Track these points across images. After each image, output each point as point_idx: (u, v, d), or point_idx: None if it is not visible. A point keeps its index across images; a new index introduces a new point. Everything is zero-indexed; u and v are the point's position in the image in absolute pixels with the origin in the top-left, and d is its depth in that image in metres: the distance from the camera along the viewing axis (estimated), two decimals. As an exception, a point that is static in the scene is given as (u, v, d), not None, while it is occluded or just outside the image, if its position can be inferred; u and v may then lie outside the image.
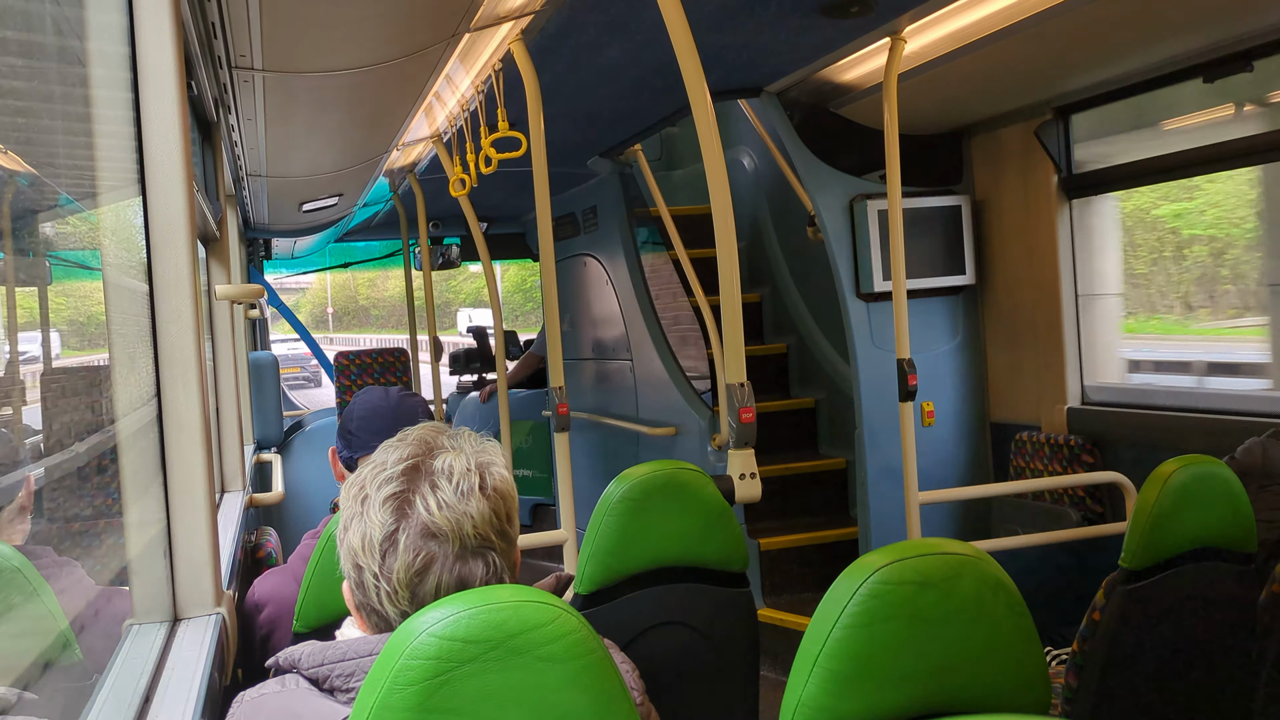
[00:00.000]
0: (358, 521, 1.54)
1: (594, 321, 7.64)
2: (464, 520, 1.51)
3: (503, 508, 1.57)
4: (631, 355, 7.04)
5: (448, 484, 1.53)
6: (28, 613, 1.65)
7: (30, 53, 1.70)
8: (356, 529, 1.53)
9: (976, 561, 1.44)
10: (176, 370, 2.15)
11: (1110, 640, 2.67)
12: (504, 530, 1.56)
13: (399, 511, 1.51)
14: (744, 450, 3.43)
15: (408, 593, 1.49)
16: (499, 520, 1.56)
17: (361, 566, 1.52)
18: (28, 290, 1.79)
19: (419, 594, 1.50)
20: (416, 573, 1.49)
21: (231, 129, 4.38)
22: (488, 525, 1.53)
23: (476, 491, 1.54)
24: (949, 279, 5.46)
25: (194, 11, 2.75)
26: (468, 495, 1.53)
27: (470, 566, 1.51)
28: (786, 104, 5.22)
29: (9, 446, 1.87)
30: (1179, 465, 2.64)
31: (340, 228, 9.00)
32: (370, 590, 1.52)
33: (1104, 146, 5.02)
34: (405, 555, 1.49)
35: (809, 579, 6.11)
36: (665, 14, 3.09)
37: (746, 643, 2.74)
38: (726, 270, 3.26)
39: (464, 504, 1.52)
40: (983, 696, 1.42)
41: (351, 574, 1.55)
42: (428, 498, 1.51)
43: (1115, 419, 4.89)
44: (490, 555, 1.53)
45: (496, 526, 1.55)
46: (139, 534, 2.14)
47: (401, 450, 1.58)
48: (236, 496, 4.15)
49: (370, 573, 1.51)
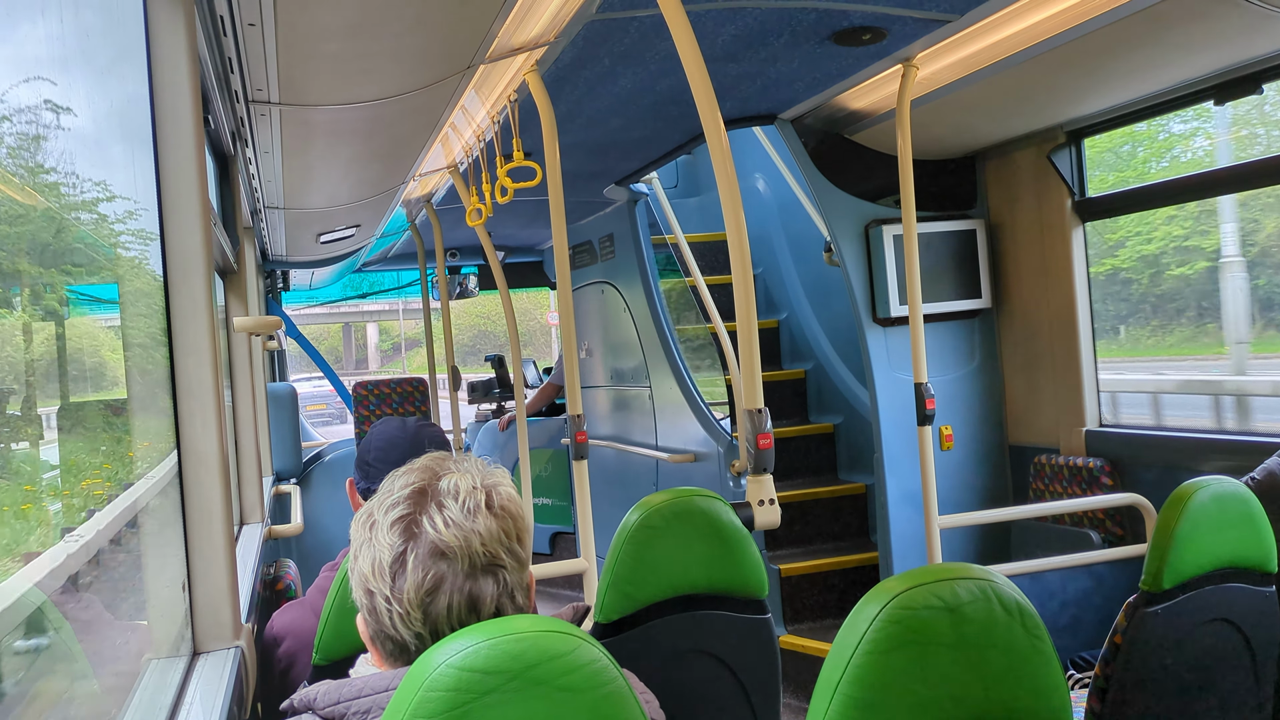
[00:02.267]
0: (367, 548, 1.54)
1: (612, 349, 7.65)
2: (472, 537, 1.51)
3: (511, 526, 1.56)
4: (650, 382, 7.04)
5: (454, 503, 1.53)
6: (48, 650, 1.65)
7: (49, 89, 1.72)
8: (366, 555, 1.53)
9: (995, 586, 1.44)
10: (195, 403, 2.16)
11: (1133, 663, 2.65)
12: (513, 549, 1.56)
13: (407, 533, 1.51)
14: (762, 476, 3.41)
15: (420, 613, 1.49)
16: (508, 539, 1.55)
17: (373, 592, 1.52)
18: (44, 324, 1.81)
19: (431, 614, 1.49)
20: (427, 592, 1.49)
21: (248, 162, 4.41)
22: (496, 543, 1.53)
23: (483, 509, 1.54)
24: (965, 303, 5.46)
25: (210, 46, 2.78)
26: (474, 512, 1.53)
27: (480, 584, 1.51)
28: (801, 131, 5.23)
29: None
30: (1199, 486, 2.63)
31: (358, 259, 9.04)
32: (383, 615, 1.51)
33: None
34: (415, 575, 1.49)
35: (830, 605, 6.08)
36: (678, 44, 3.10)
37: (767, 670, 2.72)
38: (743, 296, 3.26)
39: (471, 521, 1.52)
40: None
41: (364, 601, 1.55)
42: (435, 517, 1.51)
43: (1134, 441, 4.87)
44: (500, 573, 1.53)
45: (505, 545, 1.54)
46: (157, 567, 2.15)
47: (408, 477, 1.58)
48: (255, 529, 4.15)
49: (381, 596, 1.50)
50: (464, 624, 1.49)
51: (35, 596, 1.57)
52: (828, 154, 5.34)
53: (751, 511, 3.38)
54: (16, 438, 1.67)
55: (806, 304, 7.44)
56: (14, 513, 1.71)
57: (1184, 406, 8.41)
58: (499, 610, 1.52)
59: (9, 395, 1.68)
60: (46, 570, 1.63)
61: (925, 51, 4.14)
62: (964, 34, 3.93)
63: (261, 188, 5.14)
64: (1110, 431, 5.02)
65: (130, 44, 2.14)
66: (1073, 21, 3.73)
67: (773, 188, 7.72)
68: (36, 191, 1.69)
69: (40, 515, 1.83)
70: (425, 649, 1.45)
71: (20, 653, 1.54)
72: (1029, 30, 3.85)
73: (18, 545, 1.68)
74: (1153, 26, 3.68)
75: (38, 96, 1.64)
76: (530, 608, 1.60)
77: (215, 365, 2.18)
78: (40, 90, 1.65)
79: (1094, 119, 4.84)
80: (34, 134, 1.65)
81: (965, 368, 5.52)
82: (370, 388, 8.18)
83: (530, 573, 1.61)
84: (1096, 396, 5.14)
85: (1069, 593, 4.32)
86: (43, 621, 1.62)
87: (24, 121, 1.60)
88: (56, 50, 1.72)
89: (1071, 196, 5.06)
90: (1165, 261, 6.22)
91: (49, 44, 1.68)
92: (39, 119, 1.64)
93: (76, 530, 1.88)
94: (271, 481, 6.00)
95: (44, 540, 1.77)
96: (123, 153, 2.18)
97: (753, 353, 3.29)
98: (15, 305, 1.70)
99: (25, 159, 1.64)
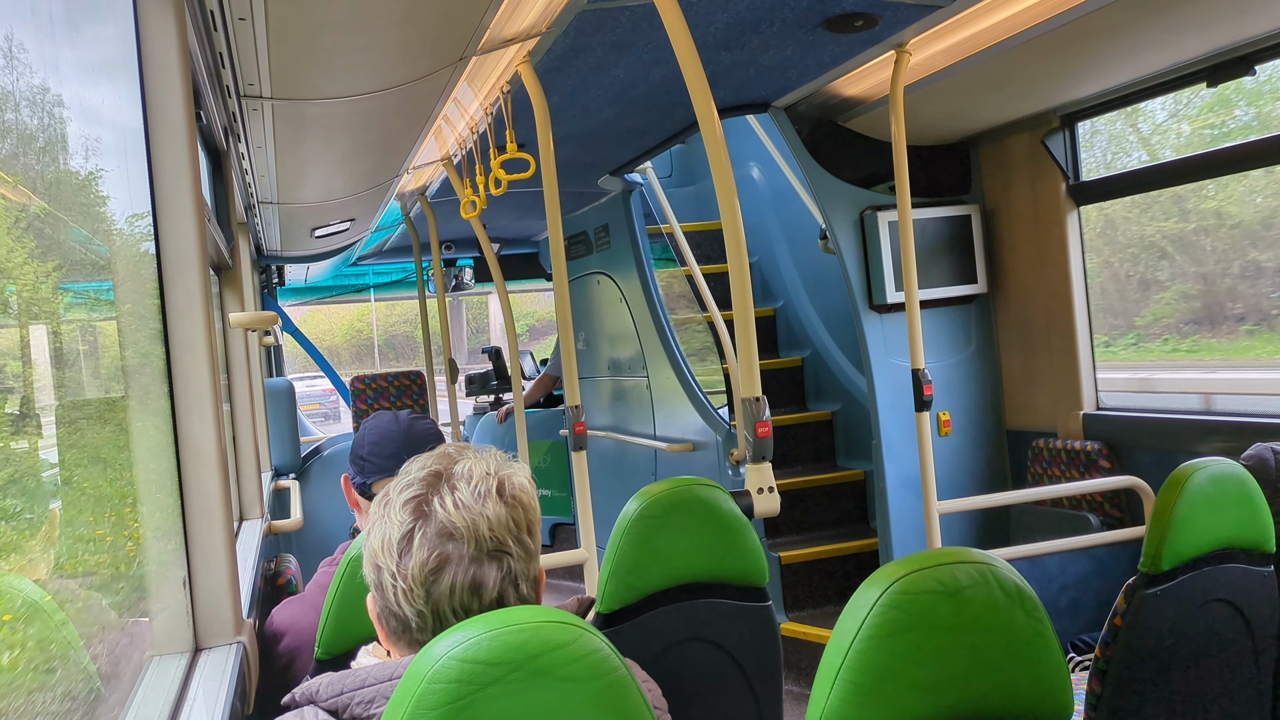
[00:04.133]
0: (380, 525, 1.56)
1: (609, 339, 7.65)
2: (480, 521, 1.52)
3: (522, 516, 1.58)
4: (647, 372, 7.04)
5: (466, 486, 1.55)
6: (49, 647, 1.65)
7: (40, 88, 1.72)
8: (378, 532, 1.56)
9: (994, 569, 1.44)
10: (192, 399, 2.16)
11: (1133, 645, 2.66)
12: (521, 539, 1.57)
13: (417, 511, 1.53)
14: (761, 464, 3.42)
15: (423, 590, 1.51)
16: (516, 527, 1.56)
17: (380, 567, 1.54)
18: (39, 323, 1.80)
19: (434, 593, 1.51)
20: (431, 571, 1.50)
21: (242, 157, 4.40)
22: (504, 529, 1.54)
23: (494, 495, 1.56)
24: (961, 288, 5.46)
25: (201, 42, 2.77)
26: (484, 497, 1.55)
27: (485, 569, 1.52)
28: (794, 118, 5.23)
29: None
30: (1196, 468, 2.64)
31: (353, 253, 9.03)
32: (388, 590, 1.53)
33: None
34: (420, 553, 1.51)
35: (830, 591, 6.09)
36: (670, 33, 3.10)
37: (769, 657, 2.73)
38: (739, 285, 3.26)
39: (481, 505, 1.54)
40: (1005, 705, 1.42)
41: (372, 577, 1.57)
42: (445, 498, 1.54)
43: (1131, 424, 4.87)
44: (506, 560, 1.54)
45: (514, 532, 1.56)
46: (158, 563, 2.15)
47: (426, 460, 1.61)
48: (255, 524, 4.15)
49: (388, 572, 1.53)
50: (465, 606, 1.51)
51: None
52: (822, 141, 5.34)
53: (751, 499, 3.38)
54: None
55: (803, 292, 7.44)
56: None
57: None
58: (501, 596, 1.54)
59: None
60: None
61: (918, 37, 4.14)
62: (956, 19, 3.92)
63: (255, 183, 5.14)
64: (1107, 415, 5.02)
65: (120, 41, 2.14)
66: (1065, 5, 3.72)
67: (767, 176, 7.72)
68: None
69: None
70: (425, 628, 1.47)
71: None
72: (1021, 14, 3.85)
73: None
74: (1145, 9, 3.68)
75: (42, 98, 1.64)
76: (536, 600, 1.60)
77: (212, 361, 2.18)
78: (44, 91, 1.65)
79: (1087, 102, 4.84)
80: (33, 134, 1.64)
81: (962, 353, 5.52)
82: (367, 381, 8.19)
83: (540, 566, 1.62)
84: (1094, 380, 5.14)
85: (1068, 576, 4.33)
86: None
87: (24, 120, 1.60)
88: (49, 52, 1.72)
89: (1066, 180, 5.07)
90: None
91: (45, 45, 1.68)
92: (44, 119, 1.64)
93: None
94: (270, 477, 6.00)
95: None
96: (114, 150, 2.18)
97: (750, 341, 3.29)
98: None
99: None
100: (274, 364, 9.60)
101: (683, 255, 6.56)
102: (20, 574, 1.65)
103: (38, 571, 1.75)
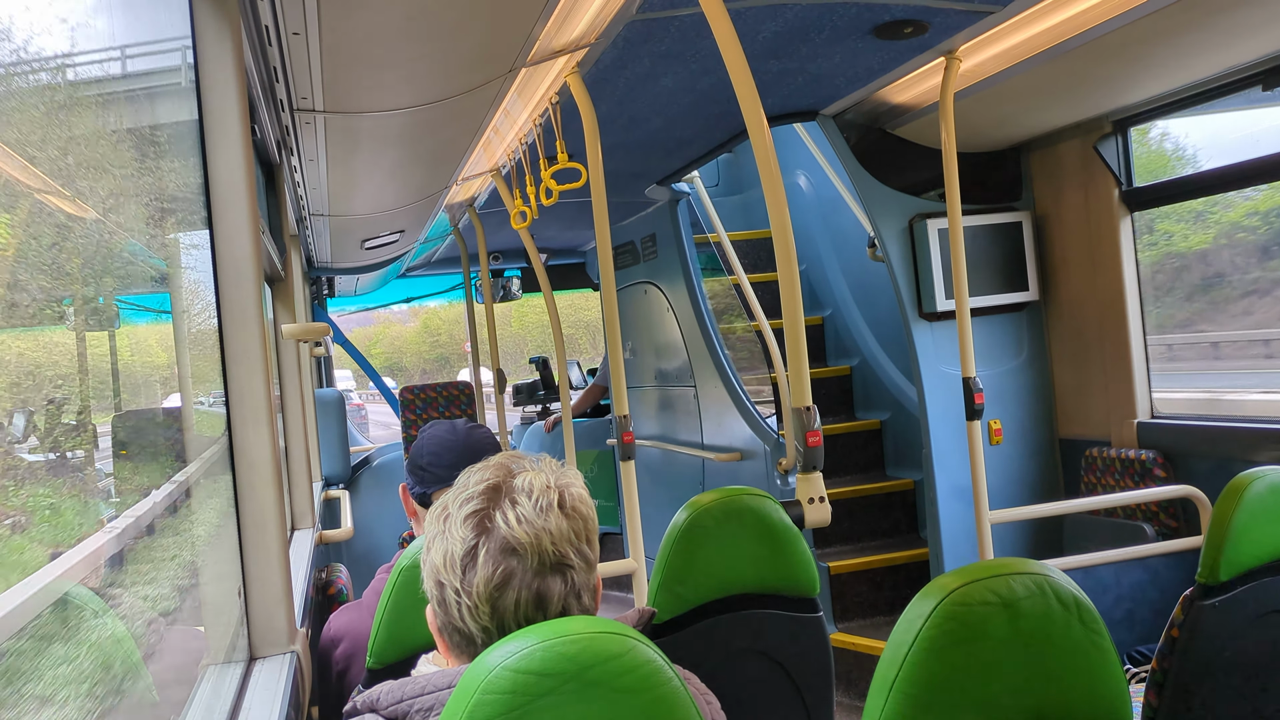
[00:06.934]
0: (440, 540, 1.56)
1: (656, 349, 7.65)
2: (543, 535, 1.52)
3: (581, 527, 1.58)
4: (695, 381, 7.04)
5: (527, 500, 1.55)
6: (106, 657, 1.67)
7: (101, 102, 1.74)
8: (439, 547, 1.56)
9: (1051, 580, 1.42)
10: (247, 409, 2.18)
11: (1190, 657, 2.62)
12: (582, 550, 1.57)
13: (479, 527, 1.53)
14: (812, 474, 3.40)
15: (488, 607, 1.51)
16: (577, 539, 1.57)
17: (443, 583, 1.54)
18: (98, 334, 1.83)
19: (499, 608, 1.51)
20: (496, 587, 1.50)
21: (294, 170, 4.45)
22: (566, 542, 1.54)
23: (555, 508, 1.55)
24: (1012, 295, 5.41)
25: (256, 57, 2.80)
26: (546, 511, 1.54)
27: (549, 582, 1.52)
28: (843, 126, 5.21)
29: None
30: (1255, 477, 2.60)
31: (401, 264, 9.09)
32: (451, 607, 1.53)
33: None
34: (485, 569, 1.50)
35: (880, 602, 6.05)
36: (720, 42, 3.10)
37: (820, 668, 2.71)
38: (788, 293, 3.24)
39: (543, 519, 1.53)
40: (1062, 717, 1.40)
41: (434, 592, 1.57)
42: (508, 513, 1.53)
43: (1187, 432, 4.81)
44: (569, 573, 1.55)
45: (575, 545, 1.56)
46: (213, 573, 2.17)
47: (483, 473, 1.60)
48: (306, 534, 4.19)
49: (451, 589, 1.53)
50: (530, 621, 1.50)
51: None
52: (870, 149, 5.32)
53: (802, 510, 3.36)
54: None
55: (851, 300, 7.41)
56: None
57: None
58: (565, 609, 1.54)
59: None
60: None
61: (968, 43, 4.11)
62: (1007, 25, 3.89)
63: (307, 195, 5.18)
64: (1163, 423, 4.96)
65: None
66: (1118, 9, 3.69)
67: (815, 184, 7.70)
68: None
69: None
70: (491, 643, 1.47)
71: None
72: (1073, 19, 3.82)
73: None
74: (1200, 11, 3.64)
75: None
76: (595, 610, 1.60)
77: (266, 373, 2.20)
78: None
79: (1140, 107, 4.79)
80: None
81: (1013, 361, 5.48)
82: (416, 392, 8.23)
83: (598, 575, 1.62)
84: (1148, 388, 5.08)
85: (1123, 586, 4.28)
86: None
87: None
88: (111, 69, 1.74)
89: (1119, 186, 5.01)
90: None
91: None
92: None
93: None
94: (321, 487, 6.05)
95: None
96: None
97: (800, 350, 3.28)
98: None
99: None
100: (324, 375, 9.68)
101: (730, 264, 6.56)
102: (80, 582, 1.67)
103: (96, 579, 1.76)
